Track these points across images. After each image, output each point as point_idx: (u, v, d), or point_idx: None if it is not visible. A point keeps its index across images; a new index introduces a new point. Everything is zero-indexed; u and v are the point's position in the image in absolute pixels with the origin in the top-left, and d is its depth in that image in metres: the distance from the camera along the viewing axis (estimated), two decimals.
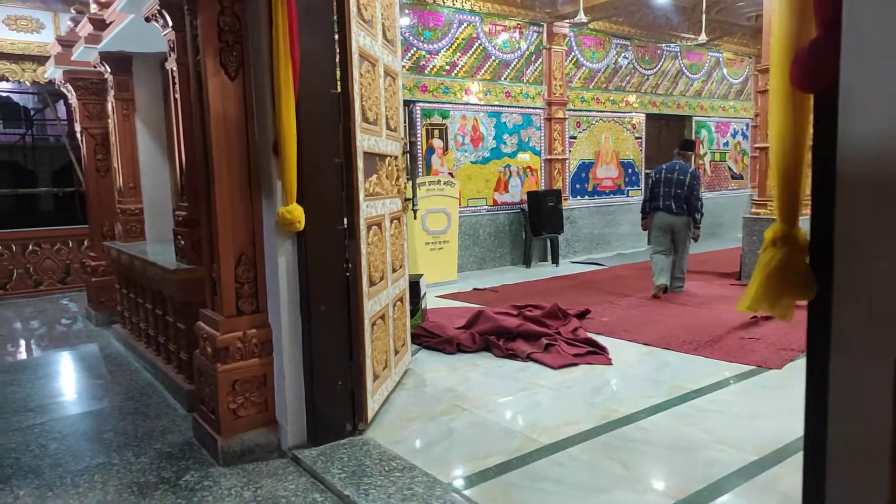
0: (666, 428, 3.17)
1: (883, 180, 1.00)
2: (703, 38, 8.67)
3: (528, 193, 8.65)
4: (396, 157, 3.84)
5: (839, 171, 1.05)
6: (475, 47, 8.25)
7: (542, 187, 9.03)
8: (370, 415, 3.25)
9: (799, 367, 4.08)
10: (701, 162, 11.33)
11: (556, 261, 8.76)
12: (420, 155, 7.66)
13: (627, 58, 9.99)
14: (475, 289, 7.07)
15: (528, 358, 4.32)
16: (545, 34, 8.91)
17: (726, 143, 11.80)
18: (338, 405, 3.11)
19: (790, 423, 3.18)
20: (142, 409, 3.78)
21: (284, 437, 3.08)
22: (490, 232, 8.57)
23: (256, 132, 2.97)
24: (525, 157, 8.88)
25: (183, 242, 3.69)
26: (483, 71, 8.36)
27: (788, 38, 1.11)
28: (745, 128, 12.13)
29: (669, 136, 11.02)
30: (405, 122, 5.42)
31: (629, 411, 3.38)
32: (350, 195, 3.07)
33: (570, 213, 9.18)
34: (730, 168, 11.88)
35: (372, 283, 3.30)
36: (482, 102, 8.37)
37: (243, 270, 3.02)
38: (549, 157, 9.06)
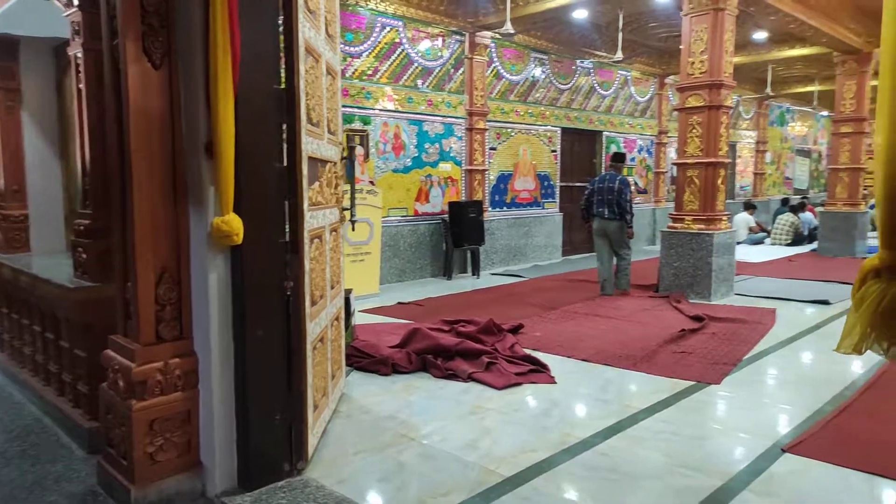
0: (626, 452, 3.04)
1: None
2: (619, 55, 8.88)
3: (450, 204, 8.49)
4: (335, 164, 3.52)
5: None
6: (398, 53, 8.00)
7: (463, 198, 8.90)
8: (310, 451, 2.91)
9: (736, 380, 4.12)
10: None
11: (476, 273, 8.64)
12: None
13: (545, 72, 10.10)
14: (399, 303, 6.79)
15: (470, 378, 4.10)
16: (467, 43, 8.81)
17: (633, 159, 12.22)
18: (275, 442, 2.75)
19: (744, 442, 3.16)
20: (29, 451, 3.21)
21: (211, 481, 2.68)
22: (411, 243, 8.32)
23: (184, 130, 2.57)
24: (446, 167, 8.72)
25: (85, 256, 3.18)
26: (406, 77, 8.12)
27: None
28: (649, 144, 12.63)
29: (582, 150, 11.25)
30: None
31: (584, 435, 3.23)
32: (294, 204, 2.73)
33: (489, 225, 9.10)
34: (636, 183, 12.31)
35: (313, 303, 2.96)
36: (404, 110, 8.13)
37: (165, 290, 2.60)
38: (469, 167, 8.95)
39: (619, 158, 7.43)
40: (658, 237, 11.25)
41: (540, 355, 4.60)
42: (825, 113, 19.46)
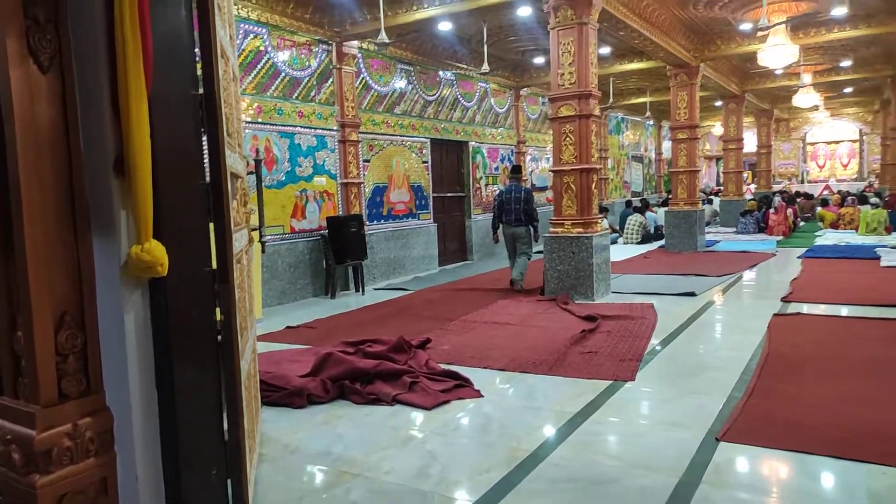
0: (576, 460, 3.02)
1: None
2: (485, 67, 9.09)
3: (329, 219, 8.16)
4: (243, 178, 3.18)
5: None
6: (264, 62, 7.55)
7: (340, 212, 8.60)
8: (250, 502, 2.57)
9: (647, 375, 4.30)
10: (478, 185, 11.91)
11: (361, 289, 8.37)
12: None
13: (411, 83, 10.10)
14: (288, 327, 6.36)
15: (395, 401, 3.89)
16: (335, 53, 8.55)
17: (496, 168, 12.59)
18: (212, 501, 2.38)
19: (679, 434, 3.27)
20: None
21: None
22: (289, 262, 7.87)
23: (84, 144, 2.14)
24: (321, 181, 8.38)
25: None
26: (273, 88, 7.69)
27: None
28: (510, 153, 13.09)
29: (450, 160, 11.39)
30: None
31: (531, 447, 3.17)
32: (221, 226, 2.39)
33: (368, 239, 8.87)
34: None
35: (241, 336, 2.63)
36: (274, 122, 7.69)
37: (67, 336, 2.13)
38: (345, 180, 8.67)
39: (517, 171, 8.37)
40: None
41: (455, 369, 4.49)
42: (651, 122, 21.50)
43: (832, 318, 5.90)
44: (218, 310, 2.47)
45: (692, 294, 7.18)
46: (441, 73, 10.79)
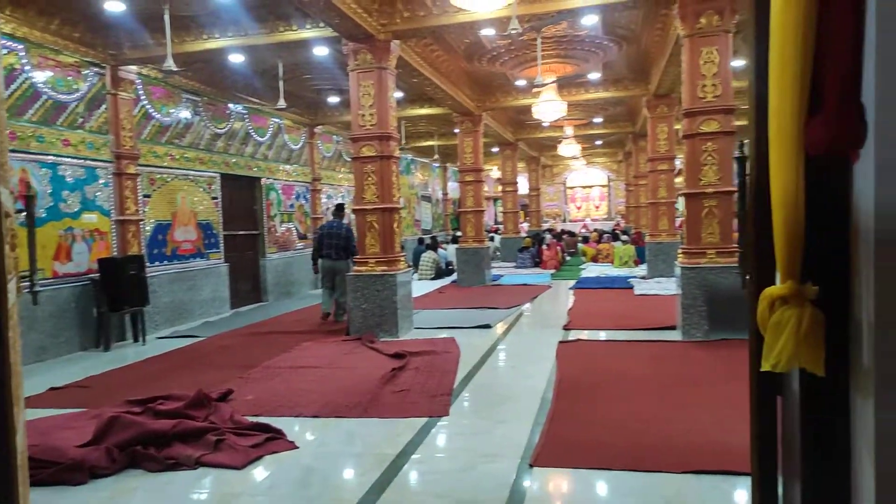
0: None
1: None
2: (282, 103, 8.88)
3: (101, 261, 7.23)
4: (12, 217, 2.67)
5: (870, 230, 1.15)
6: (20, 81, 6.56)
7: (116, 253, 7.68)
8: None
9: (458, 409, 4.45)
10: (272, 223, 11.49)
11: (141, 338, 7.49)
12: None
13: (199, 114, 9.49)
14: (52, 388, 5.45)
15: (199, 463, 3.51)
16: (109, 78, 7.72)
17: (291, 206, 12.28)
18: None
19: (495, 465, 3.40)
20: None
21: None
22: (51, 312, 6.80)
23: None
24: (92, 218, 7.42)
25: None
26: (32, 112, 6.68)
27: (796, 109, 1.18)
28: (305, 191, 12.87)
29: (242, 197, 10.84)
30: None
31: (355, 498, 3.06)
32: None
33: (149, 282, 8.02)
34: (296, 229, 12.39)
35: (17, 406, 2.17)
36: (33, 150, 6.67)
37: None
38: (121, 217, 7.78)
39: (340, 209, 8.80)
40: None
41: (264, 420, 4.20)
42: (438, 164, 22.73)
43: (607, 342, 6.66)
44: None
45: (487, 326, 7.61)
46: (232, 105, 10.31)
